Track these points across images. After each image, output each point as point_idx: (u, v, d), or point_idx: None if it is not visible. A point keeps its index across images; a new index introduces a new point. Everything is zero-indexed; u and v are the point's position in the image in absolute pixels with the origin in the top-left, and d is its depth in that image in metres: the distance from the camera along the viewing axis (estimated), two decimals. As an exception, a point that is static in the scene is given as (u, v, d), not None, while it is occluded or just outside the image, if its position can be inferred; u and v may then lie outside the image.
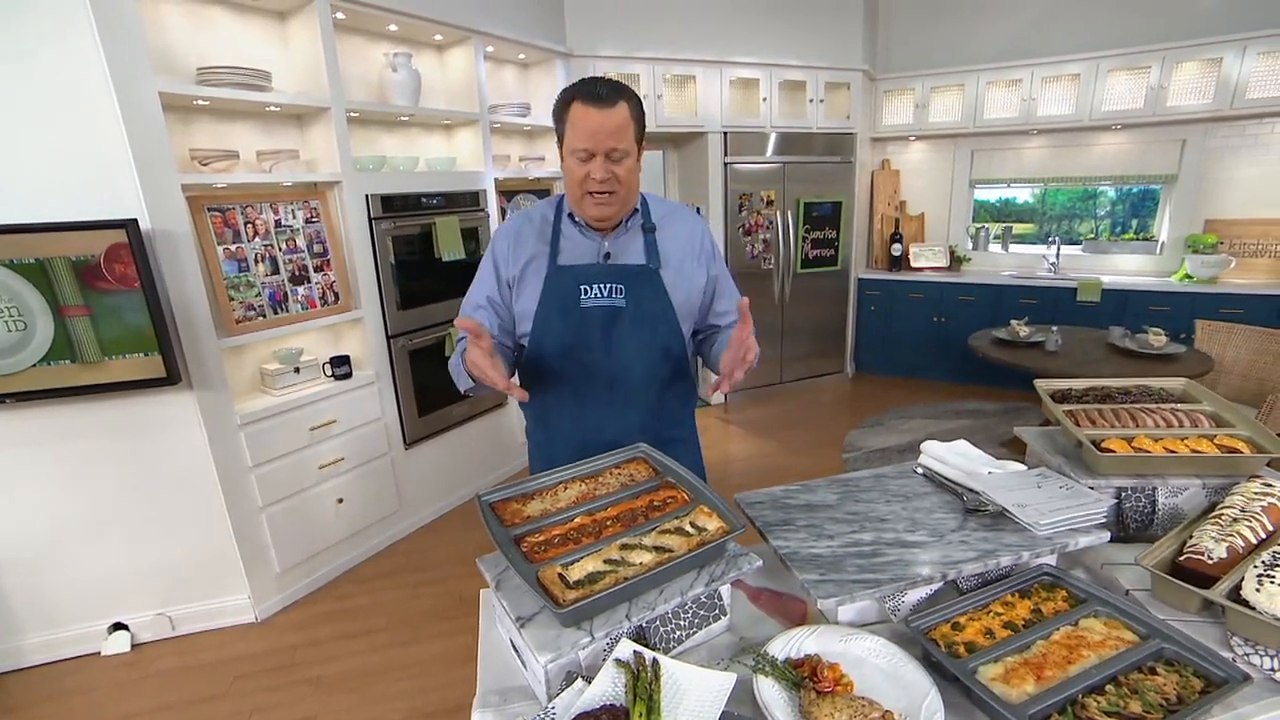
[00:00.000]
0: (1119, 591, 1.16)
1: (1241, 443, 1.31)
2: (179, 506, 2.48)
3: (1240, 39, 4.08)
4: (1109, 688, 0.91)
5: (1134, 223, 5.24)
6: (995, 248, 5.48)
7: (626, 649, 0.95)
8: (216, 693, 2.31)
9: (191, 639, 2.58)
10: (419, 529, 3.31)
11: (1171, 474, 1.30)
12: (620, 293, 1.38)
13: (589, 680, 0.92)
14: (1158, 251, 4.88)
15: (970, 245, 5.53)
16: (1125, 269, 4.97)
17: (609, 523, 1.08)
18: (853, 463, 3.89)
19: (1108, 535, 1.16)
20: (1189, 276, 4.49)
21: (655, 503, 1.13)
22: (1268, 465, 1.30)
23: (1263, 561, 1.04)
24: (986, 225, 5.55)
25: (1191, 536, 1.15)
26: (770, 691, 0.93)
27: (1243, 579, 1.03)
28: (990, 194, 5.63)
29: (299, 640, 2.56)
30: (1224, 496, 1.23)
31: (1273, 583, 0.99)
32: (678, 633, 1.04)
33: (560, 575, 0.96)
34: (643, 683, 0.88)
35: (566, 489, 1.18)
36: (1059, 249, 5.07)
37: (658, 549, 1.02)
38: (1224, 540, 1.10)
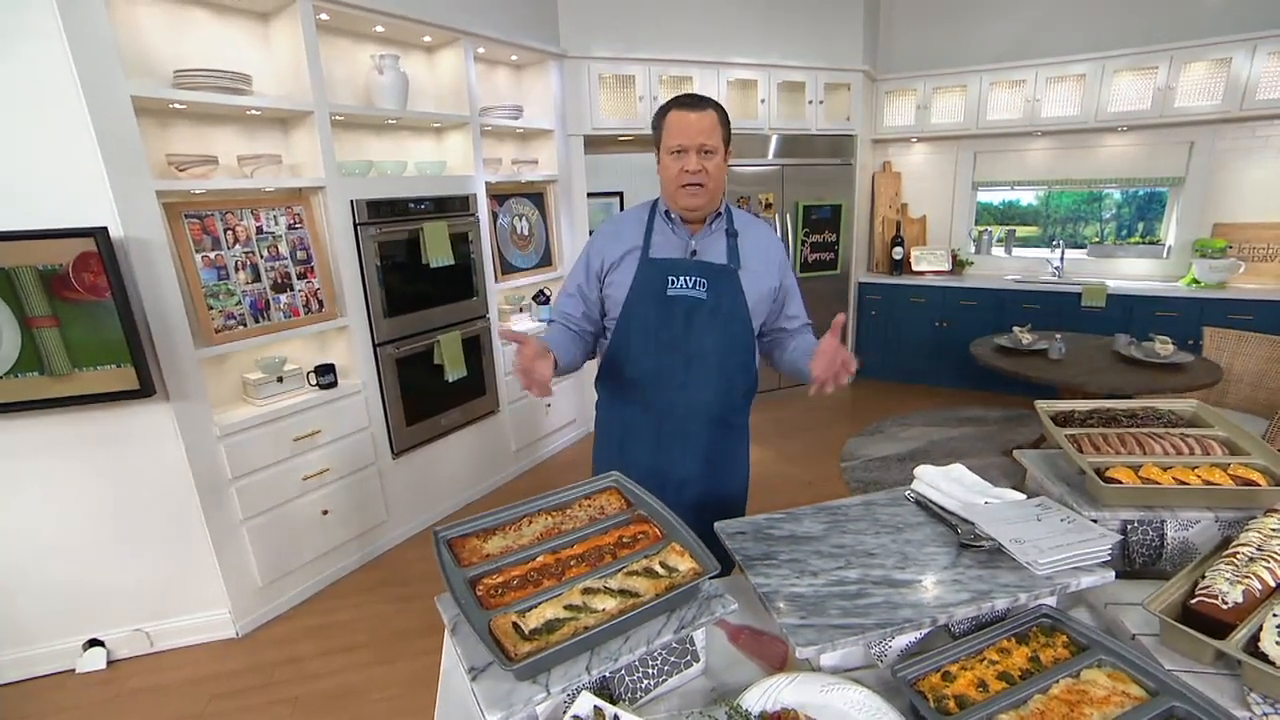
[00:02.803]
0: (1124, 635, 1.07)
1: (1258, 473, 1.22)
2: (157, 520, 2.40)
3: (1250, 38, 3.98)
4: (1114, 753, 0.83)
5: (1140, 226, 5.13)
6: (998, 251, 5.38)
7: (586, 704, 0.87)
8: (193, 712, 2.24)
9: (169, 655, 2.51)
10: (407, 540, 3.24)
11: (1182, 506, 1.21)
12: (703, 286, 1.56)
13: (544, 741, 0.85)
14: (1165, 255, 4.78)
15: (973, 249, 5.44)
16: (1131, 273, 4.86)
17: (573, 562, 1.00)
18: (851, 472, 3.80)
19: (1112, 575, 1.08)
20: (1196, 281, 4.39)
21: (625, 539, 1.05)
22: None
23: (1282, 609, 0.96)
24: (989, 228, 5.45)
25: (1204, 576, 1.07)
26: (742, 754, 0.85)
27: (1261, 628, 0.95)
28: (993, 196, 5.53)
29: (279, 657, 2.48)
30: (1238, 532, 1.14)
31: (1294, 635, 0.90)
32: (645, 682, 0.96)
33: (515, 624, 0.88)
34: (600, 747, 0.80)
35: (531, 523, 1.10)
36: (1063, 253, 4.97)
37: (624, 592, 0.94)
38: (1239, 583, 1.02)
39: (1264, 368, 3.34)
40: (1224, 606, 1.00)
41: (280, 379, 2.67)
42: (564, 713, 0.88)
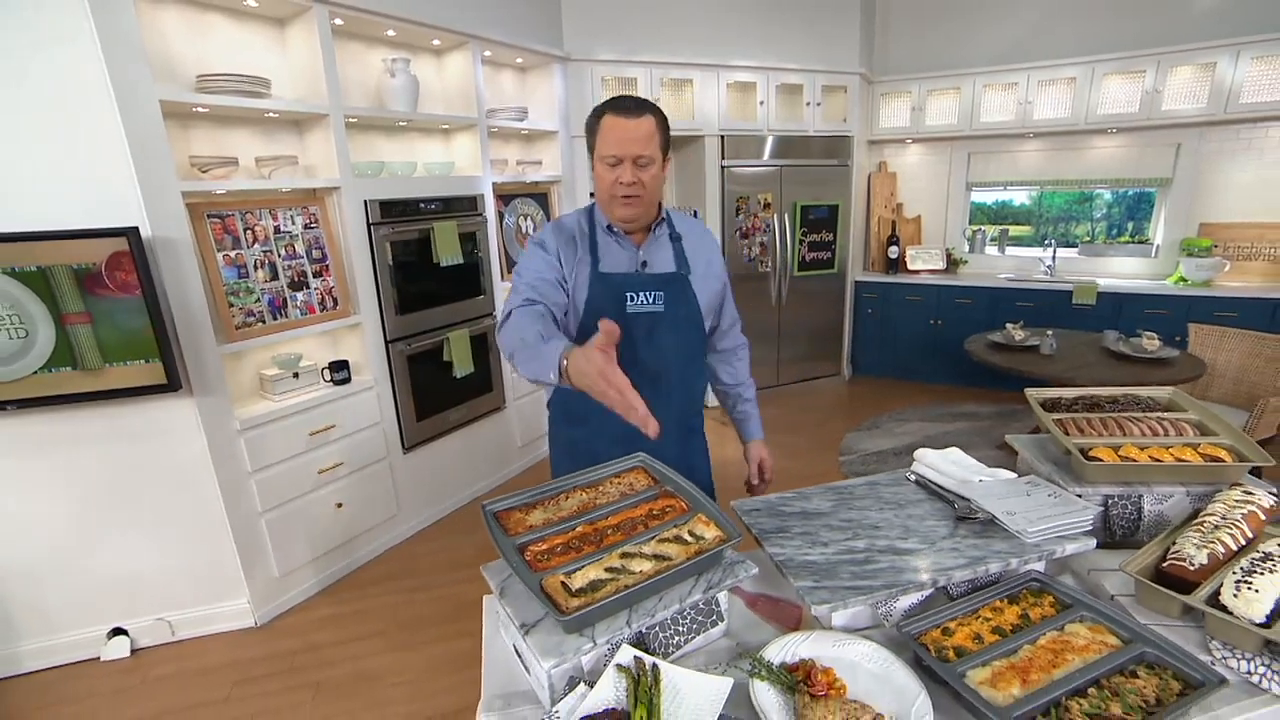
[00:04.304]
0: (1104, 596, 1.20)
1: (1224, 451, 1.36)
2: (179, 512, 2.51)
3: (1234, 43, 4.14)
4: (1091, 690, 0.95)
5: (1129, 225, 5.30)
6: (992, 250, 5.54)
7: (627, 654, 0.99)
8: (217, 698, 2.34)
9: (191, 644, 2.61)
10: (417, 533, 3.35)
11: (1157, 482, 1.34)
12: (659, 299, 1.53)
13: (591, 685, 0.96)
14: (1153, 254, 4.94)
15: (967, 248, 5.59)
16: (1121, 272, 5.03)
17: (609, 531, 1.12)
18: (849, 465, 3.94)
19: (1094, 543, 1.21)
20: (1184, 279, 4.55)
21: (654, 511, 1.17)
22: (1249, 473, 1.35)
23: (1241, 568, 1.09)
24: (983, 228, 5.60)
25: (1174, 543, 1.20)
26: (766, 695, 0.97)
27: (1221, 585, 1.08)
28: (987, 196, 5.69)
29: (298, 645, 2.59)
30: (1206, 504, 1.27)
31: (1250, 589, 1.03)
32: (676, 638, 1.08)
33: (563, 583, 1.00)
34: (643, 687, 0.92)
35: (568, 498, 1.22)
36: (1055, 252, 5.13)
37: (657, 557, 1.06)
38: (1205, 547, 1.15)
39: (1245, 362, 3.50)
40: (1191, 568, 1.13)
41: (296, 375, 2.77)
42: (604, 665, 1.00)
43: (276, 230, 2.68)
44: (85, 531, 2.42)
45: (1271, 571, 1.07)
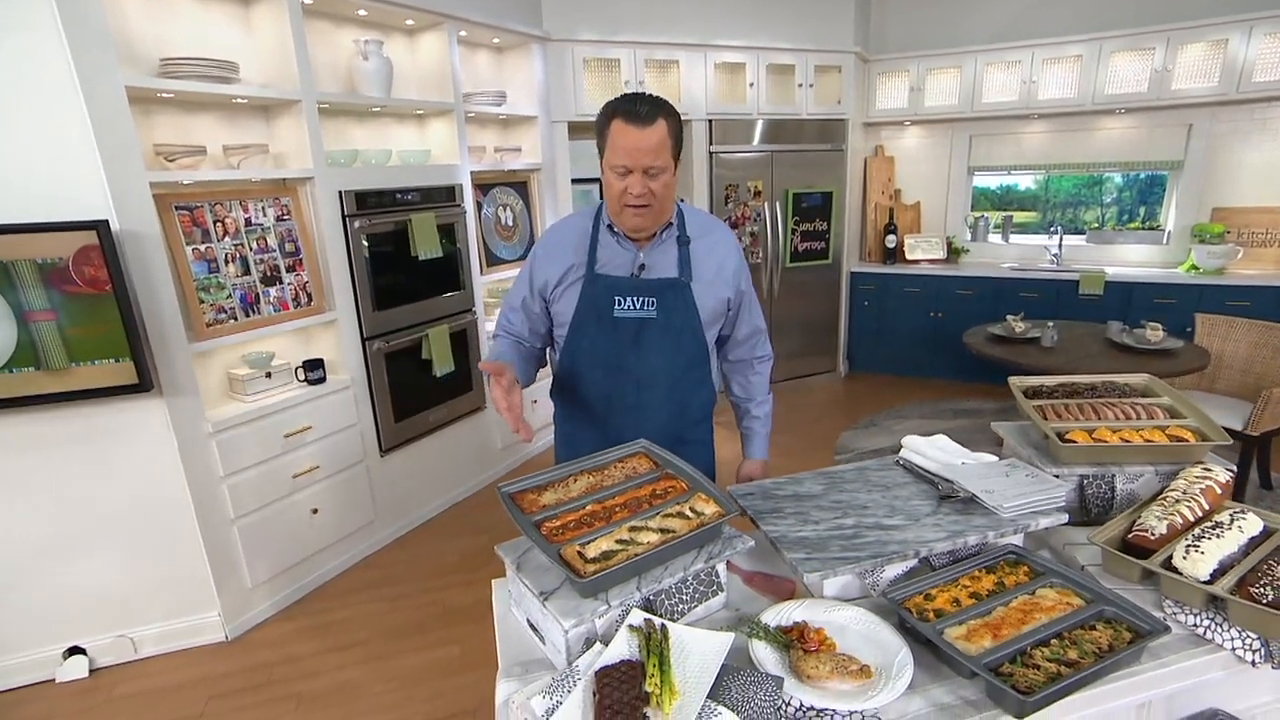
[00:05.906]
0: (1076, 567, 1.45)
1: (1189, 433, 1.62)
2: (146, 520, 2.66)
3: (1246, 19, 4.42)
4: (1053, 641, 1.20)
5: (1141, 210, 5.61)
6: (995, 238, 5.84)
7: (638, 616, 1.21)
8: (191, 714, 2.51)
9: (157, 661, 2.76)
10: (396, 539, 3.55)
11: (1127, 462, 1.60)
12: (652, 305, 1.65)
13: (606, 644, 1.18)
14: (1164, 241, 5.25)
15: (969, 236, 5.88)
16: (1131, 260, 5.34)
17: (617, 509, 1.34)
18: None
19: (1066, 517, 1.46)
20: (1195, 268, 4.85)
21: (657, 491, 1.40)
22: (1211, 452, 1.61)
23: (1193, 534, 1.34)
24: (986, 214, 5.90)
25: (1140, 516, 1.45)
26: (763, 651, 1.20)
27: (1175, 550, 1.33)
28: (990, 181, 5.99)
29: (275, 658, 2.77)
30: (1171, 481, 1.53)
31: (1197, 551, 1.28)
32: (680, 606, 1.31)
33: (579, 553, 1.22)
34: (654, 642, 1.14)
35: (576, 481, 1.45)
36: (1061, 239, 5.43)
37: (662, 530, 1.28)
38: (1166, 519, 1.40)
39: (1251, 353, 3.81)
40: (1152, 538, 1.38)
41: (269, 374, 2.95)
42: (616, 629, 1.22)
43: (247, 223, 2.85)
44: (43, 543, 2.54)
45: (1219, 537, 1.32)
